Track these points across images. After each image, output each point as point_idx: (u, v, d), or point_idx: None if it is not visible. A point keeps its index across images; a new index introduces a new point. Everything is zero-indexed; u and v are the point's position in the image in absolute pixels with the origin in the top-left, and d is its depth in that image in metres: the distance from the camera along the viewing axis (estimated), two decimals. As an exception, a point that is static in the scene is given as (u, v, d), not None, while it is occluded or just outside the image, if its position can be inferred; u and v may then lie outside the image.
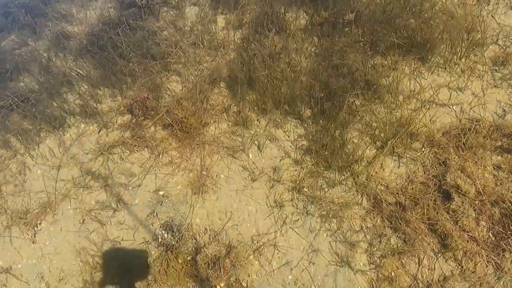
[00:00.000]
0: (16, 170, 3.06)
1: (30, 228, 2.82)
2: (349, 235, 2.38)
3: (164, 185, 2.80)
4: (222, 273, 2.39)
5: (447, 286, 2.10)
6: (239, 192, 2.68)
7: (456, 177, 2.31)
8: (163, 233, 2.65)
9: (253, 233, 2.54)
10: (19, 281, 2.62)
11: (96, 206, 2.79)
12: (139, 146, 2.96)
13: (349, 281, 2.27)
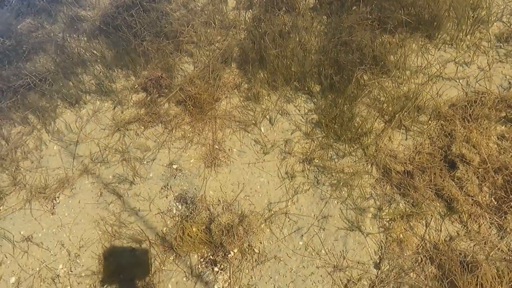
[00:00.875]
0: (33, 146, 3.16)
1: (49, 201, 2.92)
2: (359, 202, 2.47)
3: (178, 159, 2.90)
4: (235, 240, 2.48)
5: (453, 245, 2.19)
6: (251, 165, 2.77)
7: (461, 147, 2.40)
8: (177, 205, 2.75)
9: (265, 203, 2.63)
10: (40, 249, 2.72)
11: (113, 180, 2.88)
12: (153, 121, 3.06)
13: (359, 244, 2.36)
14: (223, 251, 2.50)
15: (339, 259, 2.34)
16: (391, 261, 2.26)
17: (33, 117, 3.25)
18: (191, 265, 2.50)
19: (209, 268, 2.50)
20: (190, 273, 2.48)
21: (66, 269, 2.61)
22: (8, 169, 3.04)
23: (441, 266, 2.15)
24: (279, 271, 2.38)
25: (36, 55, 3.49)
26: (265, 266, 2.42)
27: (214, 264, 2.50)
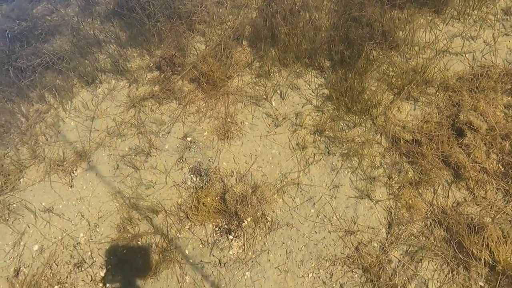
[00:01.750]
0: (51, 122, 3.27)
1: (67, 174, 3.02)
2: (369, 171, 2.55)
3: (192, 131, 2.99)
4: (249, 208, 2.58)
5: (461, 210, 2.27)
6: (263, 137, 2.86)
7: (469, 115, 2.47)
8: (192, 177, 2.84)
9: (277, 173, 2.72)
10: (61, 219, 2.83)
11: (130, 152, 2.98)
12: (168, 98, 3.15)
13: (369, 211, 2.45)
14: (237, 220, 2.59)
15: (350, 224, 2.43)
16: (400, 225, 2.34)
17: (50, 96, 3.35)
18: (206, 234, 2.60)
19: (224, 236, 2.59)
20: (206, 240, 2.57)
21: (86, 237, 2.72)
22: (27, 143, 3.15)
23: (449, 229, 2.24)
24: (292, 236, 2.48)
25: (53, 37, 3.59)
26: (277, 232, 2.51)
27: (229, 233, 2.59)
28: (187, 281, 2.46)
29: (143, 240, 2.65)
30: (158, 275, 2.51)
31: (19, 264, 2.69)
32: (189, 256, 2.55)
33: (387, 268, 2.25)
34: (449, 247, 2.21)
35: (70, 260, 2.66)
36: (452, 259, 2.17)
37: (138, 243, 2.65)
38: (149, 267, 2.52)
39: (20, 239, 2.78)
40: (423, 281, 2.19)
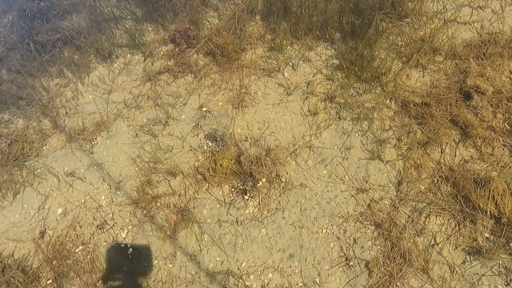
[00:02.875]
0: (70, 96, 3.40)
1: (88, 142, 3.15)
2: (379, 133, 2.66)
3: (207, 103, 3.11)
4: (264, 169, 2.69)
5: (468, 167, 2.38)
6: (275, 105, 2.97)
7: (475, 79, 2.57)
8: (208, 142, 2.96)
9: (290, 138, 2.83)
10: (83, 183, 2.96)
11: (148, 122, 3.10)
12: (183, 71, 3.27)
13: (379, 171, 2.56)
14: (252, 181, 2.71)
15: (361, 183, 2.54)
16: (409, 183, 2.45)
17: (69, 71, 3.48)
18: (223, 194, 2.72)
19: (240, 197, 2.71)
20: (223, 200, 2.69)
21: (108, 200, 2.85)
22: (49, 115, 3.29)
23: (455, 184, 2.34)
24: (305, 195, 2.59)
25: (70, 15, 3.71)
26: (292, 192, 2.63)
27: (244, 193, 2.71)
28: (205, 239, 2.59)
29: (162, 201, 2.77)
30: (177, 234, 2.63)
31: (44, 226, 2.83)
32: (207, 216, 2.68)
33: (398, 223, 2.36)
34: (455, 202, 2.31)
35: (93, 222, 2.79)
36: (458, 213, 2.28)
37: (157, 204, 2.77)
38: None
39: (44, 203, 2.91)
40: (432, 234, 2.29)
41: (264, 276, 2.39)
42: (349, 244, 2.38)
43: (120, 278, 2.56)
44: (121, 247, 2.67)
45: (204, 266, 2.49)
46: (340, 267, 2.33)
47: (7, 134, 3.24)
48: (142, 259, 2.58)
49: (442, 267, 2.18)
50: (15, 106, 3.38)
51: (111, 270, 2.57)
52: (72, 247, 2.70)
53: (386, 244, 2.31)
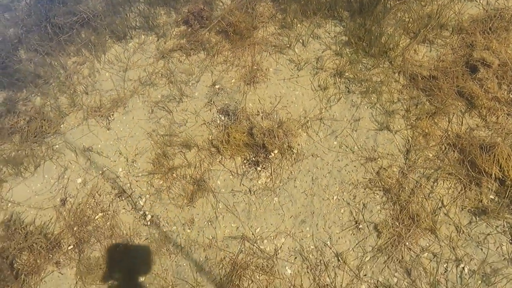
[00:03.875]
0: (87, 73, 3.52)
1: (104, 119, 3.27)
2: (388, 105, 2.75)
3: (220, 79, 3.22)
4: (276, 140, 2.80)
5: (474, 135, 2.47)
6: (286, 80, 3.07)
7: (482, 53, 2.66)
8: (221, 116, 3.07)
9: (301, 111, 2.93)
10: (101, 156, 3.08)
11: (162, 99, 3.21)
12: (196, 49, 3.38)
13: (388, 140, 2.65)
14: (265, 152, 2.81)
15: (370, 152, 2.64)
16: (417, 151, 2.55)
17: (86, 50, 3.59)
18: (236, 166, 2.83)
19: (252, 168, 2.82)
20: (236, 172, 2.80)
21: (125, 172, 2.97)
22: (66, 92, 3.40)
23: (462, 150, 2.44)
24: (317, 165, 2.70)
25: None
26: (303, 163, 2.73)
27: (257, 164, 2.82)
28: (220, 207, 2.70)
29: (178, 173, 2.88)
30: (194, 203, 2.74)
31: (64, 194, 2.95)
32: (221, 186, 2.79)
33: (406, 188, 2.46)
34: (462, 167, 2.41)
35: (111, 191, 2.91)
36: (465, 177, 2.38)
37: (174, 175, 2.88)
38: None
39: (64, 173, 3.03)
40: (439, 198, 2.39)
41: (277, 240, 2.50)
42: (358, 209, 2.48)
43: (139, 244, 2.68)
44: (139, 214, 2.77)
45: (220, 231, 2.60)
46: (350, 230, 2.43)
47: (25, 111, 3.36)
48: (160, 225, 2.69)
49: (449, 227, 2.28)
50: (33, 84, 3.49)
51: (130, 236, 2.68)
52: (92, 214, 2.82)
53: (395, 207, 2.41)
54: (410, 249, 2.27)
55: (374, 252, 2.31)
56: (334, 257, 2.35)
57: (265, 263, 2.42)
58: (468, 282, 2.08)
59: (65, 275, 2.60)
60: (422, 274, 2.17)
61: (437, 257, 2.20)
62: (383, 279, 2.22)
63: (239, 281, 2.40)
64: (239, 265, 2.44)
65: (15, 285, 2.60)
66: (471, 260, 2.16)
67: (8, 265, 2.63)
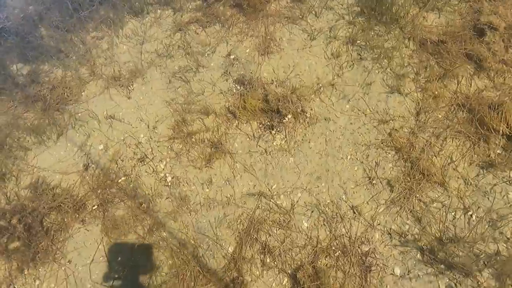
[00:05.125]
0: (106, 47, 3.65)
1: (125, 88, 3.40)
2: (398, 69, 2.87)
3: (235, 50, 3.34)
4: (290, 105, 2.92)
5: (482, 95, 2.59)
6: (299, 50, 3.19)
7: (488, 17, 2.76)
8: (236, 86, 3.20)
9: (314, 78, 3.05)
10: (122, 123, 3.22)
11: (179, 70, 3.34)
12: (211, 22, 3.49)
13: (399, 103, 2.77)
14: (279, 117, 2.94)
15: (382, 115, 2.76)
16: (427, 113, 2.67)
17: (104, 26, 3.72)
18: (252, 130, 2.96)
19: (267, 131, 2.95)
20: (252, 135, 2.93)
21: (146, 137, 3.10)
22: (86, 64, 3.53)
23: (471, 110, 2.56)
24: (329, 128, 2.82)
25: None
26: (316, 125, 2.86)
27: (272, 128, 2.94)
28: (237, 167, 2.83)
29: (196, 137, 3.01)
30: (212, 164, 2.88)
31: (87, 160, 3.09)
32: (238, 148, 2.92)
33: (416, 147, 2.59)
34: (470, 125, 2.53)
35: (133, 156, 3.04)
36: (473, 134, 2.50)
37: (193, 139, 3.01)
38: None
39: (86, 141, 3.17)
40: (448, 155, 2.52)
41: (294, 195, 2.63)
42: (371, 167, 2.61)
43: (160, 202, 2.82)
44: (160, 176, 2.91)
45: (238, 189, 2.74)
46: (364, 185, 2.57)
47: (48, 82, 3.50)
48: (180, 185, 2.83)
49: (457, 180, 2.41)
50: (55, 58, 3.62)
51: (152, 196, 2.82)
52: (115, 178, 2.96)
53: (406, 165, 2.54)
54: (420, 200, 2.40)
55: (387, 204, 2.44)
56: (350, 210, 2.48)
57: (282, 218, 2.56)
58: (476, 228, 2.21)
59: (91, 231, 2.75)
60: (432, 221, 2.30)
61: (446, 207, 2.33)
62: (395, 227, 2.36)
63: (257, 235, 2.54)
64: (257, 220, 2.58)
65: (46, 240, 2.75)
66: (478, 208, 2.29)
67: (38, 222, 2.78)
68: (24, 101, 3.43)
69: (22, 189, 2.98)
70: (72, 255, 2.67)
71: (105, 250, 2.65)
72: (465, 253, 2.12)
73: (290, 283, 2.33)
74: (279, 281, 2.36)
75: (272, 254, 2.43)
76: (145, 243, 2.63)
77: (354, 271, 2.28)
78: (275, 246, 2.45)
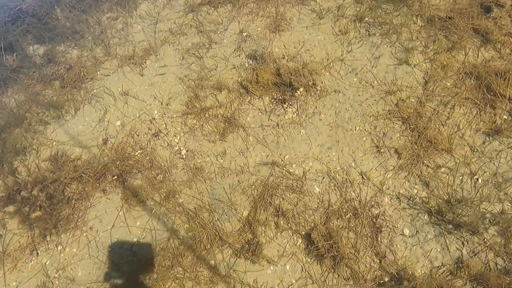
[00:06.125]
0: (120, 27, 3.75)
1: (138, 66, 3.51)
2: (407, 43, 2.95)
3: (246, 28, 3.43)
4: (301, 78, 3.02)
5: (488, 65, 2.67)
6: (309, 28, 3.28)
7: (495, -8, 2.84)
8: (249, 61, 3.29)
9: (323, 54, 3.14)
10: (136, 100, 3.32)
11: (192, 47, 3.44)
12: (222, 2, 3.59)
13: (407, 73, 2.86)
14: (291, 90, 3.03)
15: (390, 86, 2.85)
16: (436, 82, 2.76)
17: (119, 7, 3.82)
18: (264, 104, 3.06)
19: (279, 105, 3.05)
20: (264, 109, 3.03)
21: (160, 114, 3.21)
22: (101, 44, 3.64)
23: (478, 77, 2.65)
24: (339, 100, 2.92)
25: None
26: (327, 98, 2.96)
27: (283, 102, 3.04)
28: (250, 140, 2.94)
29: (209, 113, 3.12)
30: (225, 137, 2.99)
31: (105, 135, 3.21)
32: (251, 122, 3.02)
33: (424, 116, 2.68)
34: (478, 92, 2.62)
35: (148, 131, 3.15)
36: (480, 100, 2.59)
37: (206, 115, 3.12)
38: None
39: (104, 116, 3.28)
40: (455, 123, 2.61)
41: (305, 164, 2.74)
42: (379, 137, 2.71)
43: (175, 173, 2.93)
44: (175, 149, 3.02)
45: (251, 160, 2.84)
46: (373, 154, 2.66)
47: (65, 61, 3.61)
48: (195, 157, 2.94)
49: (464, 147, 2.50)
50: (71, 38, 3.73)
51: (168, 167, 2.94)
52: (132, 151, 3.07)
53: (413, 134, 2.63)
54: (428, 166, 2.50)
55: (396, 170, 2.54)
56: (359, 176, 2.59)
57: (295, 184, 2.66)
58: (482, 189, 2.30)
59: (112, 200, 2.87)
60: (439, 185, 2.40)
61: (453, 172, 2.43)
62: (404, 191, 2.46)
63: (270, 199, 2.64)
64: (270, 186, 2.69)
65: (67, 209, 2.87)
66: (484, 172, 2.38)
67: (60, 192, 2.90)
68: (42, 80, 3.55)
69: (42, 161, 3.10)
70: (94, 222, 2.79)
71: (125, 216, 2.76)
72: (471, 213, 2.22)
73: (304, 244, 2.44)
74: (293, 242, 2.47)
75: (285, 216, 2.53)
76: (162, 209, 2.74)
77: (366, 232, 2.38)
78: (288, 209, 2.55)
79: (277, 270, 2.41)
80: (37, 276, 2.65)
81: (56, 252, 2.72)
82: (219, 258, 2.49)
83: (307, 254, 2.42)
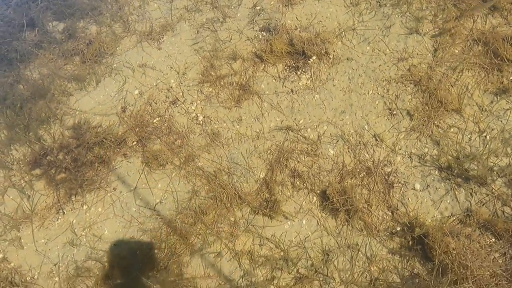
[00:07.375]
0: (137, 5, 3.87)
1: (155, 41, 3.63)
2: (417, 13, 3.05)
3: (260, 2, 3.54)
4: (314, 47, 3.13)
5: (496, 31, 2.77)
6: (321, 1, 3.38)
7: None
8: (262, 33, 3.40)
9: (335, 24, 3.25)
10: (154, 71, 3.45)
11: (207, 21, 3.56)
12: (236, -20, 3.69)
13: (417, 42, 2.96)
14: (304, 58, 3.14)
15: (401, 53, 2.95)
16: (444, 49, 2.86)
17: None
18: (278, 72, 3.17)
19: (293, 72, 3.16)
20: (278, 76, 3.15)
21: (176, 83, 3.33)
22: (119, 21, 3.77)
23: (486, 43, 2.74)
24: (352, 67, 3.03)
25: None
26: (339, 65, 3.06)
27: (297, 69, 3.15)
28: (265, 106, 3.06)
29: (225, 81, 3.24)
30: (241, 104, 3.11)
31: (124, 104, 3.34)
32: (265, 89, 3.14)
33: (434, 79, 2.78)
34: (485, 57, 2.72)
35: (166, 100, 3.28)
36: (488, 64, 2.68)
37: (221, 83, 3.24)
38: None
39: (122, 86, 3.42)
40: (464, 84, 2.71)
41: (320, 128, 2.85)
42: (392, 99, 2.82)
43: (193, 138, 3.05)
44: (192, 115, 3.15)
45: (267, 125, 2.96)
46: (385, 116, 2.77)
47: (84, 37, 3.74)
48: (211, 123, 3.06)
49: (473, 107, 2.61)
50: (90, 14, 3.86)
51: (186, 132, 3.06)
52: (150, 119, 3.21)
53: (424, 95, 2.74)
54: (438, 126, 2.60)
55: (408, 131, 2.65)
56: (372, 138, 2.70)
57: (309, 147, 2.78)
58: (490, 144, 2.41)
59: (133, 163, 3.00)
60: (449, 143, 2.51)
61: (462, 131, 2.53)
62: (415, 151, 2.57)
63: (286, 162, 2.77)
64: (286, 149, 2.81)
65: (91, 171, 3.01)
66: (492, 130, 2.49)
67: (83, 155, 3.04)
68: (63, 55, 3.68)
69: (66, 129, 3.24)
70: (117, 183, 2.93)
71: (146, 178, 2.90)
72: (480, 167, 2.33)
73: (319, 201, 2.57)
74: (309, 200, 2.59)
75: (301, 177, 2.66)
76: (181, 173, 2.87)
77: (378, 188, 2.50)
78: (303, 170, 2.68)
79: (294, 224, 2.54)
80: (65, 234, 2.79)
81: (82, 212, 2.86)
82: (239, 215, 2.62)
83: (322, 210, 2.54)
